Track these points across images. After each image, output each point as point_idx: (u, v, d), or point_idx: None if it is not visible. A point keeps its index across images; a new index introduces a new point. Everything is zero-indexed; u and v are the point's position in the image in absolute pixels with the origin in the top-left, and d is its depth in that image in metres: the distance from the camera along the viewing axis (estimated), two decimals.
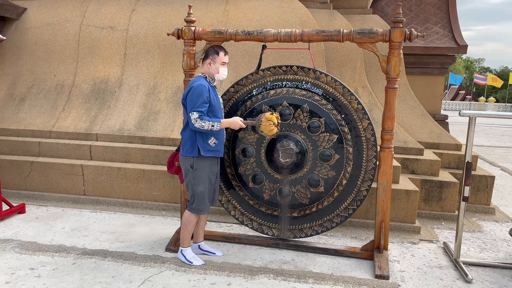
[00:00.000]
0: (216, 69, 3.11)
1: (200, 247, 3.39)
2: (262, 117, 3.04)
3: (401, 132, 4.78)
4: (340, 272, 3.13)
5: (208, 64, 3.11)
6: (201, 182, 3.08)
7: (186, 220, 3.19)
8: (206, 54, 3.16)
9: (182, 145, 3.12)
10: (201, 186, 3.08)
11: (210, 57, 3.11)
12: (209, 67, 3.11)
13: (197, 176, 3.07)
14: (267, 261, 3.28)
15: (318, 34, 3.20)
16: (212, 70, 3.11)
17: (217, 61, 3.11)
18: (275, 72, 3.40)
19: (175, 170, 3.38)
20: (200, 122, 2.93)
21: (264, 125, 3.03)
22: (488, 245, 3.79)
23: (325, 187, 3.36)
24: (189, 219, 3.18)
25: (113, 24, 5.26)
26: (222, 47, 3.18)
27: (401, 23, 3.08)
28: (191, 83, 3.05)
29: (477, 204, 4.65)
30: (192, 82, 3.06)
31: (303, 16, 4.89)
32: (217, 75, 3.14)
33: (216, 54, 3.11)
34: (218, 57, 3.11)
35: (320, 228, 3.45)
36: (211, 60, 3.10)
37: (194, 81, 3.04)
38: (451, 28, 9.39)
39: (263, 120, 3.02)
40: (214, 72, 3.12)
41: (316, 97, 3.32)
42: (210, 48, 3.17)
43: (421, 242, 3.78)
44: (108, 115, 4.87)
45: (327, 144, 3.30)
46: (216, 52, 3.12)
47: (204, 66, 3.14)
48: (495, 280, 3.10)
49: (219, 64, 3.11)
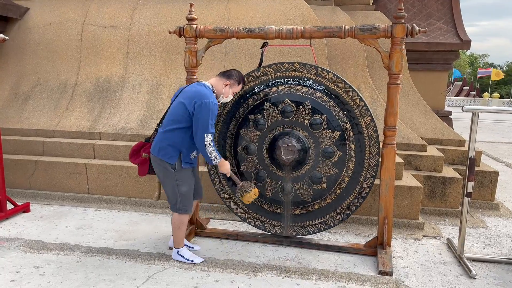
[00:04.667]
0: (227, 93, 3.14)
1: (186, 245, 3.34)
2: (248, 190, 3.09)
3: (404, 129, 4.76)
4: (343, 269, 3.13)
5: (225, 85, 3.10)
6: (184, 182, 3.02)
7: (177, 223, 3.11)
8: (230, 75, 3.13)
9: (161, 148, 2.95)
10: (185, 187, 3.02)
11: (231, 81, 3.12)
12: (223, 88, 3.10)
13: (180, 177, 2.99)
14: (271, 258, 3.29)
15: (319, 30, 3.19)
16: (224, 91, 3.11)
17: (234, 88, 3.17)
18: (277, 69, 3.39)
19: (139, 161, 3.18)
20: (211, 148, 2.89)
21: (246, 196, 3.11)
22: (492, 241, 3.77)
23: (328, 184, 3.35)
24: (179, 220, 3.11)
25: (115, 23, 5.27)
26: (244, 79, 3.27)
27: (403, 19, 3.07)
28: (204, 95, 2.87)
29: (481, 200, 4.63)
30: (205, 94, 2.88)
31: (305, 13, 4.88)
32: (224, 98, 3.15)
33: (238, 83, 3.17)
34: (237, 87, 3.19)
35: (323, 225, 3.44)
36: (230, 84, 3.12)
37: (207, 95, 2.88)
38: (454, 23, 9.33)
39: (246, 195, 3.11)
40: (224, 95, 3.12)
41: (318, 94, 3.31)
42: (236, 73, 3.16)
43: (424, 238, 3.77)
44: (111, 114, 4.89)
45: (329, 141, 3.29)
46: (239, 81, 3.17)
47: (220, 82, 3.09)
48: (499, 275, 3.09)
49: (232, 91, 3.17)
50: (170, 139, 2.93)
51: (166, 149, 2.94)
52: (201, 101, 2.84)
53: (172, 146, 2.93)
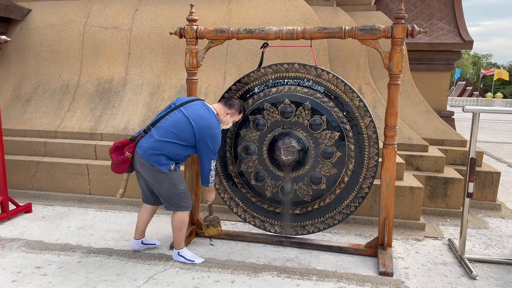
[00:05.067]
0: (228, 122, 3.21)
1: (143, 242, 3.40)
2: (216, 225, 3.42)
3: (405, 129, 4.76)
4: (344, 269, 3.13)
5: (226, 114, 3.17)
6: (181, 181, 3.09)
7: (178, 224, 3.13)
8: (231, 104, 3.19)
9: (153, 154, 2.92)
10: (182, 184, 3.10)
11: (232, 110, 3.18)
12: (225, 116, 3.17)
13: (176, 177, 3.04)
14: (271, 259, 3.29)
15: (320, 31, 3.20)
16: (225, 119, 3.18)
17: (234, 117, 3.23)
18: (277, 69, 3.40)
19: (121, 159, 2.98)
20: (214, 172, 3.10)
21: (211, 229, 3.42)
22: (493, 242, 3.76)
23: (327, 184, 3.35)
24: (181, 220, 3.13)
25: (117, 24, 5.29)
26: (245, 109, 3.32)
27: (403, 19, 3.07)
28: (212, 124, 3.01)
29: (482, 200, 4.62)
30: (213, 123, 3.01)
31: (306, 14, 4.89)
32: (223, 125, 3.21)
33: (238, 113, 3.23)
34: (237, 116, 3.25)
35: (322, 225, 3.45)
36: (231, 113, 3.19)
37: (216, 126, 3.03)
38: (456, 23, 9.31)
39: (212, 229, 3.41)
40: (224, 123, 3.19)
41: (317, 94, 3.32)
42: (238, 104, 3.22)
43: (425, 239, 3.77)
44: (112, 115, 4.90)
45: (328, 141, 3.30)
46: (239, 111, 3.23)
47: (222, 110, 3.16)
48: (500, 276, 3.08)
49: (232, 120, 3.24)
50: (167, 150, 2.95)
51: (159, 157, 2.93)
52: (211, 132, 2.99)
53: (167, 156, 2.96)
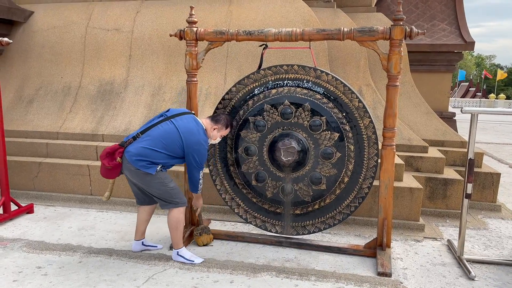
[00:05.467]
0: (215, 137, 3.29)
1: (143, 243, 3.43)
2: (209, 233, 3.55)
3: (405, 130, 4.76)
4: (342, 270, 3.14)
5: (213, 129, 3.23)
6: (169, 179, 3.14)
7: (175, 222, 3.16)
8: (218, 120, 3.25)
9: (140, 160, 2.97)
10: (171, 182, 3.14)
11: (219, 126, 3.25)
12: (212, 131, 3.24)
13: (164, 177, 3.09)
14: (270, 259, 3.31)
15: (318, 33, 3.22)
16: (212, 134, 3.25)
17: (221, 132, 3.29)
18: (276, 71, 3.42)
19: (113, 164, 3.03)
20: (201, 181, 3.21)
21: (204, 236, 3.52)
22: (493, 243, 3.76)
23: (327, 184, 3.37)
24: (177, 218, 3.16)
25: (118, 26, 5.32)
26: (232, 123, 3.38)
27: (401, 21, 3.08)
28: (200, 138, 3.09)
29: (483, 201, 4.62)
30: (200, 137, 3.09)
31: (306, 15, 4.91)
32: (211, 140, 3.29)
33: (225, 128, 3.29)
34: (224, 131, 3.30)
35: (323, 225, 3.46)
36: (217, 128, 3.25)
37: (203, 141, 3.11)
38: (458, 24, 9.31)
39: (205, 236, 3.53)
40: (212, 138, 3.27)
41: (317, 95, 3.33)
42: (224, 118, 3.28)
43: (425, 239, 3.77)
44: (114, 116, 4.93)
45: (328, 142, 3.31)
46: (226, 125, 3.29)
47: (209, 125, 3.23)
48: (498, 277, 3.08)
49: (220, 135, 3.30)
50: (154, 158, 3.02)
51: (146, 162, 3.00)
52: (198, 147, 3.08)
53: (154, 163, 3.02)
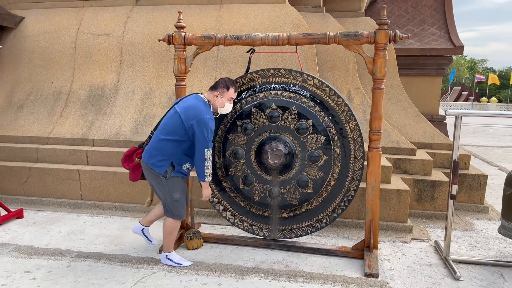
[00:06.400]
0: (221, 103, 3.09)
1: (143, 230, 3.42)
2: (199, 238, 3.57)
3: (393, 133, 4.82)
4: (330, 271, 3.17)
5: (215, 96, 3.07)
6: (176, 189, 3.05)
7: (170, 228, 3.16)
8: (216, 85, 3.10)
9: (151, 156, 3.00)
10: (177, 193, 3.05)
11: (219, 90, 3.07)
12: (215, 99, 3.07)
13: (172, 185, 3.02)
14: (259, 262, 3.33)
15: (305, 37, 3.26)
16: (217, 103, 3.08)
17: (225, 96, 3.09)
18: (264, 75, 3.46)
19: (132, 166, 3.21)
20: (209, 162, 2.95)
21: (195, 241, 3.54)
22: (479, 243, 3.81)
23: (314, 187, 3.40)
24: (172, 225, 3.16)
25: (109, 31, 5.35)
26: (233, 83, 3.14)
27: (385, 25, 3.14)
28: (200, 112, 2.92)
29: (470, 203, 4.67)
30: (201, 111, 2.92)
31: (295, 20, 4.96)
32: (221, 109, 3.11)
33: (226, 89, 3.09)
34: (227, 93, 3.09)
35: (310, 228, 3.49)
36: (219, 93, 3.07)
37: (204, 112, 2.92)
38: (447, 29, 9.42)
39: (196, 240, 3.54)
40: (219, 106, 3.09)
41: (303, 99, 3.37)
42: (221, 81, 3.10)
43: (412, 241, 3.81)
44: (104, 121, 4.95)
45: (315, 145, 3.35)
46: (226, 87, 3.09)
47: (211, 95, 3.09)
48: (484, 277, 3.12)
49: (226, 99, 3.09)
50: (162, 149, 2.97)
51: (156, 157, 2.98)
52: (198, 118, 2.89)
53: (162, 156, 2.97)
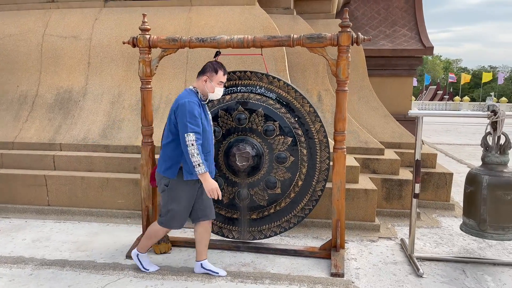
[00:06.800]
0: (211, 88, 2.92)
1: (202, 265, 3.11)
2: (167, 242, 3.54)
3: (362, 133, 4.89)
4: (297, 272, 3.19)
5: (204, 81, 2.91)
6: (175, 201, 2.91)
7: (152, 232, 3.08)
8: (203, 70, 2.95)
9: (160, 162, 2.93)
10: (175, 205, 2.91)
11: (207, 74, 2.91)
12: (204, 84, 2.91)
13: (172, 196, 2.90)
14: (227, 264, 3.32)
15: (269, 39, 3.28)
16: (207, 88, 2.91)
17: (214, 79, 2.92)
18: (230, 77, 3.45)
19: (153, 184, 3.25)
20: (194, 149, 2.66)
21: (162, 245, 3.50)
22: (444, 240, 3.90)
23: (282, 188, 3.42)
24: (156, 232, 3.07)
25: (76, 33, 5.25)
26: (222, 65, 2.99)
27: (348, 27, 3.18)
28: (180, 98, 2.80)
29: (437, 200, 4.78)
30: (181, 97, 2.81)
31: (265, 22, 4.98)
32: (211, 94, 2.95)
33: (215, 73, 2.92)
34: (216, 76, 2.92)
35: (279, 229, 3.51)
36: (208, 78, 2.91)
37: (183, 97, 2.79)
38: (418, 30, 9.63)
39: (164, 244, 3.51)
40: (209, 91, 2.92)
41: (270, 101, 3.39)
42: (209, 64, 2.96)
43: (380, 239, 3.87)
44: (72, 125, 4.85)
45: (282, 146, 3.37)
46: (215, 70, 2.92)
47: (199, 81, 2.93)
48: (446, 273, 3.20)
49: (216, 83, 2.93)
50: (168, 154, 2.88)
51: (166, 162, 2.88)
52: (177, 105, 2.78)
53: (171, 158, 2.86)
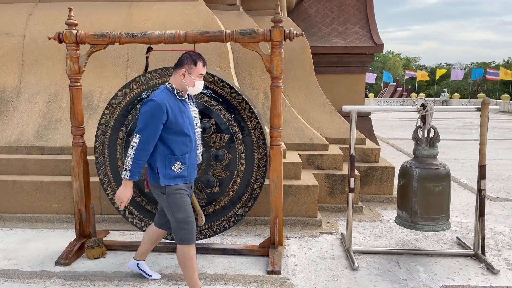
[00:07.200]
0: (191, 82, 2.63)
1: (138, 265, 3.03)
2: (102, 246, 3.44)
3: (307, 129, 4.91)
4: (234, 271, 3.14)
5: (182, 75, 2.60)
6: (179, 208, 2.59)
7: (181, 257, 2.64)
8: (180, 62, 2.64)
9: (149, 171, 2.64)
10: (180, 213, 2.58)
11: (185, 67, 2.61)
12: (183, 78, 2.61)
13: (173, 203, 2.59)
14: (163, 267, 3.23)
15: (201, 35, 3.21)
16: (186, 82, 2.61)
17: (194, 72, 2.63)
18: (163, 74, 3.36)
19: None
20: (132, 152, 2.47)
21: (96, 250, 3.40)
22: (383, 233, 3.97)
23: (220, 187, 3.36)
24: (183, 253, 2.63)
25: (9, 30, 4.96)
26: (200, 56, 2.69)
27: (280, 23, 3.17)
28: (152, 96, 2.52)
29: (381, 194, 4.88)
30: (153, 95, 2.54)
31: (207, 18, 4.90)
32: (191, 89, 2.66)
33: (194, 64, 2.63)
34: (195, 68, 2.63)
35: (218, 228, 3.45)
36: (186, 71, 2.61)
37: (155, 95, 2.52)
38: (369, 28, 9.84)
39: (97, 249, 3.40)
40: (188, 85, 2.62)
41: (205, 98, 3.32)
42: (186, 56, 2.65)
43: (321, 235, 3.89)
44: (4, 126, 4.58)
45: (219, 144, 3.31)
46: (194, 61, 2.63)
47: (176, 76, 2.63)
48: (381, 266, 3.25)
49: (195, 76, 2.64)
50: (151, 160, 2.59)
51: (150, 169, 2.61)
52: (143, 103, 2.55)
53: (150, 165, 2.60)
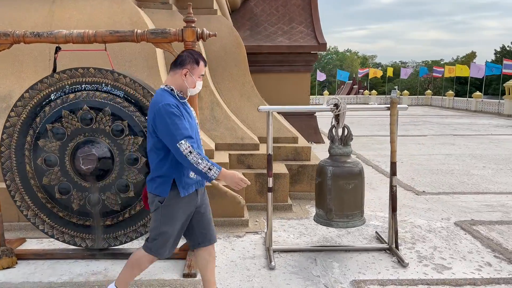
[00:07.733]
0: (192, 83, 2.44)
1: None
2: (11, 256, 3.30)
3: (239, 129, 4.91)
4: (149, 276, 3.08)
5: (183, 75, 2.41)
6: (169, 221, 2.43)
7: (134, 262, 2.55)
8: (181, 62, 2.43)
9: (150, 179, 2.46)
10: (168, 226, 2.43)
11: (187, 67, 2.41)
12: (184, 79, 2.41)
13: (166, 214, 2.41)
14: (76, 275, 3.12)
15: (111, 34, 3.12)
16: (187, 83, 2.42)
17: (195, 72, 2.44)
18: (72, 75, 3.23)
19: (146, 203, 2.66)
20: (194, 156, 2.22)
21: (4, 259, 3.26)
22: (308, 230, 4.03)
23: (135, 191, 3.27)
24: (139, 261, 2.54)
25: None
26: (201, 55, 2.50)
27: (192, 23, 3.13)
28: (155, 103, 2.33)
29: (311, 192, 4.94)
30: (155, 102, 2.34)
31: (134, 17, 4.77)
32: (192, 90, 2.47)
33: (196, 64, 2.44)
34: (198, 68, 2.45)
35: (135, 234, 3.36)
36: (188, 71, 2.41)
37: (158, 102, 2.32)
38: (313, 27, 9.99)
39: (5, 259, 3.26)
40: (189, 86, 2.44)
41: (117, 99, 3.22)
42: (187, 55, 2.44)
43: (247, 234, 3.90)
44: None
45: (132, 147, 3.22)
46: (196, 61, 2.44)
47: (176, 76, 2.42)
48: (298, 264, 3.29)
49: (197, 76, 2.46)
50: (157, 167, 2.41)
51: (155, 180, 2.43)
52: (153, 113, 2.33)
53: (161, 176, 2.40)
